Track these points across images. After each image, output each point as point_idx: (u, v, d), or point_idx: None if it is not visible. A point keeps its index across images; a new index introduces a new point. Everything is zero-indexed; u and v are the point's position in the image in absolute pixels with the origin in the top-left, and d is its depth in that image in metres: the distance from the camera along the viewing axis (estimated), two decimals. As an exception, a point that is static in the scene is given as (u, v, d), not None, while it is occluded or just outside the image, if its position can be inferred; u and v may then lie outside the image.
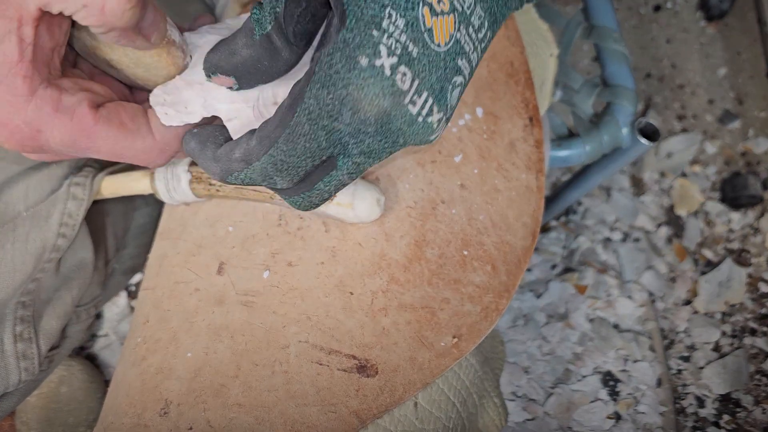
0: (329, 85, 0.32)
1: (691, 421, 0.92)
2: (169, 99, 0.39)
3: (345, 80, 0.32)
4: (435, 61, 0.33)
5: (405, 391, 0.44)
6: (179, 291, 0.49)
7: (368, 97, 0.32)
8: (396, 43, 0.31)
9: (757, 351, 0.93)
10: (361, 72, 0.31)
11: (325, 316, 0.45)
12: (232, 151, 0.36)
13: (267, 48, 0.36)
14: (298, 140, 0.34)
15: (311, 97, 0.32)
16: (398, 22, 0.31)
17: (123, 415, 0.46)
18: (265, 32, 0.35)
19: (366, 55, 0.31)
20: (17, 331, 0.52)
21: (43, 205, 0.52)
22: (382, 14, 0.31)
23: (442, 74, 0.33)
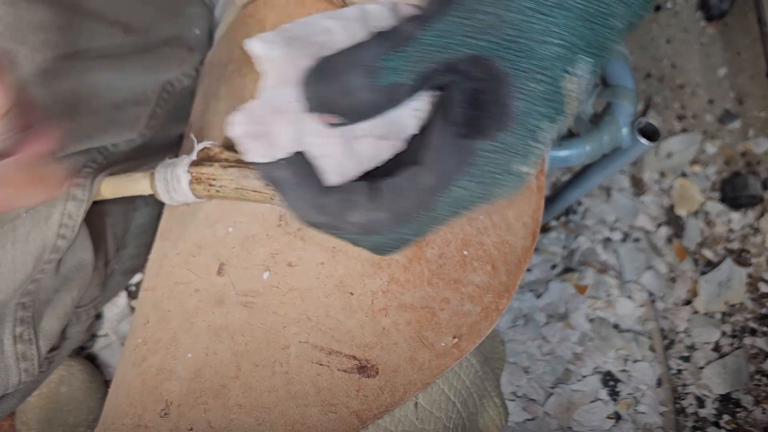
0: (481, 181, 0.33)
1: (691, 421, 0.92)
2: (256, 130, 0.35)
3: (497, 180, 0.33)
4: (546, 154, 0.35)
5: (405, 391, 0.44)
6: (179, 291, 0.49)
7: (506, 192, 0.34)
8: (538, 156, 0.33)
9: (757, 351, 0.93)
10: (511, 176, 0.33)
11: (326, 316, 0.45)
12: (347, 211, 0.34)
13: (389, 96, 0.33)
14: (431, 223, 0.35)
15: (462, 187, 0.33)
16: (547, 133, 0.33)
17: (123, 415, 0.46)
18: (393, 82, 0.33)
19: (520, 162, 0.33)
20: (17, 332, 0.52)
21: (43, 206, 0.52)
22: (542, 126, 0.32)
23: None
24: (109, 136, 0.58)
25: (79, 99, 0.56)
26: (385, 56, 0.32)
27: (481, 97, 0.33)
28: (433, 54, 0.32)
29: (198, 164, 0.49)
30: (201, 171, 0.49)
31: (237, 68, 0.55)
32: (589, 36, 0.31)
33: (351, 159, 0.36)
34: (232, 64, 0.56)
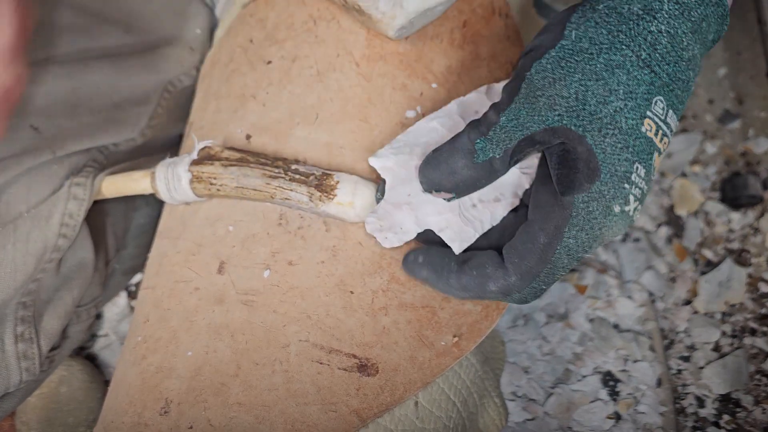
0: (587, 228, 0.37)
1: (691, 421, 0.92)
2: (385, 225, 0.44)
3: (600, 224, 0.38)
4: (650, 185, 0.39)
5: (405, 390, 0.44)
6: (179, 290, 0.49)
7: (615, 233, 0.39)
8: (639, 191, 0.38)
9: (757, 351, 0.92)
10: (614, 217, 0.38)
11: (326, 315, 0.45)
12: (485, 284, 0.41)
13: (487, 170, 0.40)
14: (557, 272, 0.39)
15: (571, 237, 0.38)
16: (641, 172, 0.37)
17: (123, 414, 0.46)
18: (489, 159, 0.39)
19: (618, 204, 0.37)
20: (18, 331, 0.52)
21: (44, 206, 0.52)
22: (631, 169, 0.37)
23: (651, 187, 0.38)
24: (109, 136, 0.58)
25: (79, 98, 0.56)
26: (477, 141, 0.39)
27: (568, 157, 0.38)
28: (512, 133, 0.38)
29: (199, 163, 0.49)
30: (202, 170, 0.49)
31: (237, 67, 0.56)
32: (655, 80, 0.37)
33: (468, 225, 0.44)
34: (233, 64, 0.56)
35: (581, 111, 0.37)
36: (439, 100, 0.51)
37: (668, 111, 0.37)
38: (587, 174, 0.37)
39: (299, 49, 0.52)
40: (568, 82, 0.37)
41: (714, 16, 0.38)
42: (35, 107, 0.53)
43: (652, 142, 0.37)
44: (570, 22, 0.38)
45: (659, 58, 0.36)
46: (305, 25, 0.53)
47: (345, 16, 0.52)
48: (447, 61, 0.52)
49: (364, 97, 0.50)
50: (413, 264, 0.44)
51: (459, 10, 0.53)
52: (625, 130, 0.36)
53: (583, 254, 0.39)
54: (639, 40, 0.36)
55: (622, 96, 0.36)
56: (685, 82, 0.38)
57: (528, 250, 0.39)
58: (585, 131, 0.37)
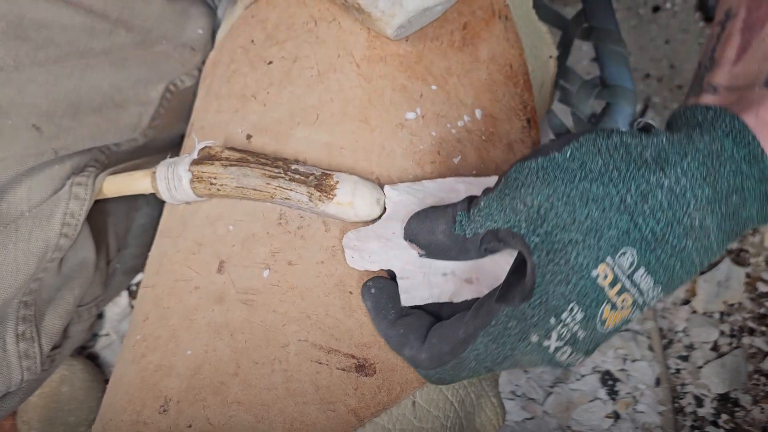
0: (500, 342, 0.36)
1: (689, 420, 0.92)
2: (358, 245, 0.45)
3: (513, 345, 0.36)
4: (598, 337, 0.36)
5: (402, 390, 0.44)
6: (179, 289, 0.49)
7: (527, 362, 0.37)
8: (568, 332, 0.35)
9: (755, 350, 0.93)
10: (529, 345, 0.36)
11: (325, 315, 0.45)
12: (402, 347, 0.42)
13: (460, 245, 0.40)
14: (463, 371, 0.39)
15: (482, 344, 0.37)
16: (577, 316, 0.34)
17: (122, 412, 0.46)
18: (462, 234, 0.39)
19: (537, 335, 0.35)
20: (19, 330, 0.53)
21: (46, 205, 0.53)
22: (565, 308, 0.34)
23: (601, 341, 0.36)
24: (111, 136, 0.59)
25: (81, 98, 0.56)
26: (458, 214, 0.40)
27: (519, 267, 0.38)
28: (484, 220, 0.38)
29: (199, 163, 0.49)
30: (202, 170, 0.49)
31: (238, 68, 0.56)
32: (632, 230, 0.33)
33: (427, 288, 0.44)
34: (234, 64, 0.57)
35: (538, 227, 0.35)
36: (439, 101, 0.51)
37: (639, 269, 0.34)
38: (522, 291, 0.36)
39: (300, 50, 0.53)
40: (536, 193, 0.35)
41: (752, 192, 0.34)
42: (37, 107, 0.53)
43: (603, 292, 0.34)
44: (576, 140, 0.36)
45: (646, 210, 0.33)
46: (306, 26, 0.53)
47: (345, 17, 0.52)
48: (447, 63, 0.52)
49: (365, 98, 0.50)
50: (365, 289, 0.45)
51: (459, 12, 0.53)
52: (573, 265, 0.34)
53: (492, 366, 0.38)
54: (630, 184, 0.33)
55: (584, 230, 0.34)
56: (676, 249, 0.33)
57: (446, 337, 0.40)
58: (535, 248, 0.35)
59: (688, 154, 0.33)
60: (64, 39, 0.55)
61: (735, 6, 0.39)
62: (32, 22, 0.53)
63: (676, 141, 0.34)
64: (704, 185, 0.33)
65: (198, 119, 0.58)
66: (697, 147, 0.33)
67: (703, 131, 0.34)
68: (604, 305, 0.34)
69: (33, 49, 0.53)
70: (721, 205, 0.33)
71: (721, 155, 0.33)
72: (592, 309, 0.34)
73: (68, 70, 0.55)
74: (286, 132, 0.50)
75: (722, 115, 0.34)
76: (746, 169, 0.33)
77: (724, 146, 0.33)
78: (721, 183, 0.33)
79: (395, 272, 0.45)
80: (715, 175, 0.33)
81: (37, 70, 0.53)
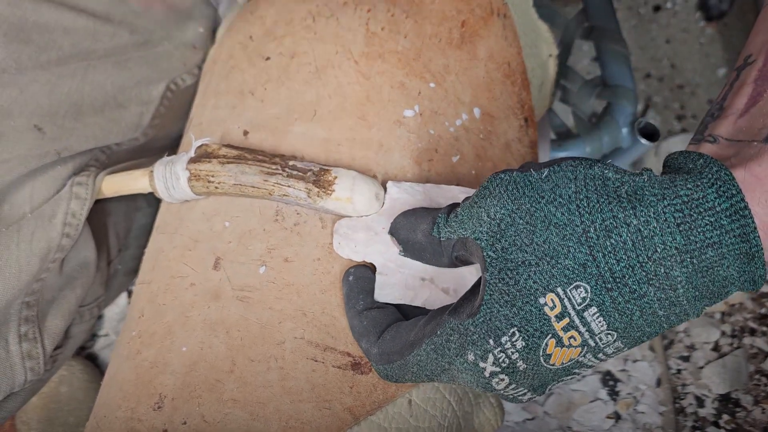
0: (439, 353, 0.37)
1: (690, 420, 0.92)
2: (347, 233, 0.46)
3: (450, 359, 0.37)
4: (544, 373, 0.35)
5: (398, 388, 0.44)
6: (175, 285, 0.49)
7: (463, 380, 0.37)
8: (505, 358, 0.34)
9: (756, 351, 0.92)
10: (465, 363, 0.36)
11: (321, 312, 0.45)
12: (361, 338, 0.43)
13: (434, 247, 0.40)
14: (406, 374, 0.40)
15: (425, 351, 0.38)
16: (517, 343, 0.33)
17: (116, 408, 0.46)
18: (438, 237, 0.39)
19: (474, 354, 0.35)
20: (22, 331, 0.52)
21: (47, 206, 0.53)
22: (505, 330, 0.33)
23: (549, 379, 0.35)
24: (113, 136, 0.59)
25: (83, 99, 0.56)
26: (438, 217, 0.39)
27: (479, 283, 0.37)
28: (458, 227, 0.37)
29: (196, 161, 0.49)
30: (199, 168, 0.49)
31: (236, 64, 0.56)
32: (590, 265, 0.32)
33: (402, 289, 0.45)
34: (232, 60, 0.57)
35: (496, 241, 0.34)
36: (437, 99, 0.51)
37: (591, 307, 0.32)
38: (471, 307, 0.35)
39: (298, 46, 0.53)
40: (500, 206, 0.34)
41: (731, 249, 0.31)
42: (39, 109, 0.53)
43: (548, 323, 0.32)
44: (558, 164, 0.34)
45: (608, 247, 0.31)
46: (304, 22, 0.53)
47: (344, 14, 0.52)
48: (445, 60, 0.52)
49: (363, 94, 0.50)
50: (345, 275, 0.45)
51: (458, 9, 0.53)
52: (522, 287, 0.33)
53: (432, 376, 0.38)
54: (596, 217, 0.32)
55: (539, 254, 0.32)
56: (635, 294, 0.31)
57: (398, 338, 0.40)
58: (490, 264, 0.34)
59: (665, 198, 0.31)
60: (67, 42, 0.55)
61: (755, 53, 0.38)
62: (35, 25, 0.53)
63: (658, 182, 0.32)
64: (676, 232, 0.31)
65: (196, 116, 0.58)
66: (677, 192, 0.31)
67: (688, 178, 0.32)
68: (549, 338, 0.33)
69: (35, 52, 0.53)
70: (693, 258, 0.31)
71: (701, 205, 0.31)
72: (534, 339, 0.33)
73: (70, 72, 0.55)
74: (284, 128, 0.50)
75: (710, 164, 0.32)
76: (726, 224, 0.31)
77: (706, 196, 0.31)
78: (696, 234, 0.31)
79: (376, 267, 0.45)
80: (692, 224, 0.31)
81: (40, 72, 0.53)
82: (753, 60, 0.38)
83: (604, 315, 0.32)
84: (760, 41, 0.39)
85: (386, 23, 0.51)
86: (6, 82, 0.52)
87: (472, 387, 0.37)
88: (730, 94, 0.38)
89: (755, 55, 0.38)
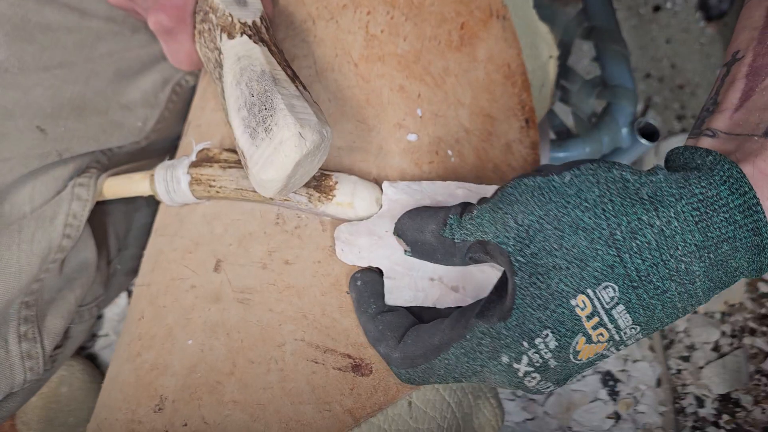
0: (471, 356, 0.37)
1: (690, 420, 0.92)
2: (349, 239, 0.45)
3: (483, 362, 0.37)
4: (570, 368, 0.36)
5: (399, 390, 0.44)
6: (175, 287, 0.49)
7: (495, 381, 0.38)
8: (539, 359, 0.35)
9: (756, 351, 0.92)
10: (499, 365, 0.36)
11: (321, 314, 0.45)
12: (378, 343, 0.42)
13: (446, 248, 0.40)
14: (433, 376, 0.40)
15: (453, 355, 0.38)
16: (550, 344, 0.35)
17: (117, 410, 0.46)
18: (451, 238, 0.39)
19: (509, 357, 0.36)
20: (21, 331, 0.53)
21: (48, 206, 0.53)
22: (540, 333, 0.34)
23: (573, 372, 0.36)
24: (115, 139, 0.59)
25: (86, 101, 0.56)
26: (450, 217, 0.39)
27: (502, 285, 0.38)
28: (475, 229, 0.38)
29: (197, 165, 0.49)
30: (201, 172, 0.49)
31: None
32: (617, 266, 0.33)
33: (412, 291, 0.44)
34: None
35: (524, 247, 0.35)
36: (437, 101, 0.51)
37: (619, 306, 0.33)
38: (501, 310, 0.36)
39: (298, 48, 0.53)
40: (529, 212, 0.35)
41: (744, 242, 0.33)
42: (42, 109, 0.53)
43: (579, 322, 0.34)
44: (577, 168, 0.35)
45: (634, 248, 0.33)
46: (304, 25, 0.53)
47: (344, 16, 0.52)
48: (444, 62, 0.52)
49: (362, 97, 0.50)
50: (352, 281, 0.45)
51: (457, 12, 0.53)
52: (553, 291, 0.34)
53: (461, 377, 0.39)
54: (621, 220, 0.33)
55: (569, 258, 0.33)
56: (659, 290, 0.33)
57: (421, 341, 0.40)
58: (519, 269, 0.35)
59: (683, 198, 0.33)
60: (70, 42, 0.55)
61: (743, 48, 0.39)
62: (38, 25, 0.53)
63: (674, 182, 0.34)
64: (695, 230, 0.32)
65: (195, 117, 0.58)
66: (692, 191, 0.33)
67: (701, 176, 0.34)
68: (579, 336, 0.34)
69: (38, 52, 0.53)
70: (710, 252, 0.33)
71: (716, 202, 0.33)
72: (566, 338, 0.34)
73: (74, 73, 0.55)
74: (284, 131, 0.50)
75: (721, 161, 0.34)
76: (740, 219, 0.33)
77: (720, 194, 0.33)
78: (713, 230, 0.33)
79: (384, 271, 0.45)
80: (708, 221, 0.33)
81: (43, 72, 0.53)
82: (741, 56, 0.39)
83: (630, 312, 0.33)
84: (747, 37, 0.40)
85: (386, 26, 0.51)
86: (9, 82, 0.52)
87: (503, 386, 0.38)
88: (723, 90, 0.40)
89: (743, 50, 0.40)
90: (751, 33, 0.40)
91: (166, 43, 0.52)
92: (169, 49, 0.52)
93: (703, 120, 0.40)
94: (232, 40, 0.45)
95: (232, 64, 0.44)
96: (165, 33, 0.51)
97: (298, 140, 0.39)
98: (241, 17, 0.46)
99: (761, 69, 0.37)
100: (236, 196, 0.48)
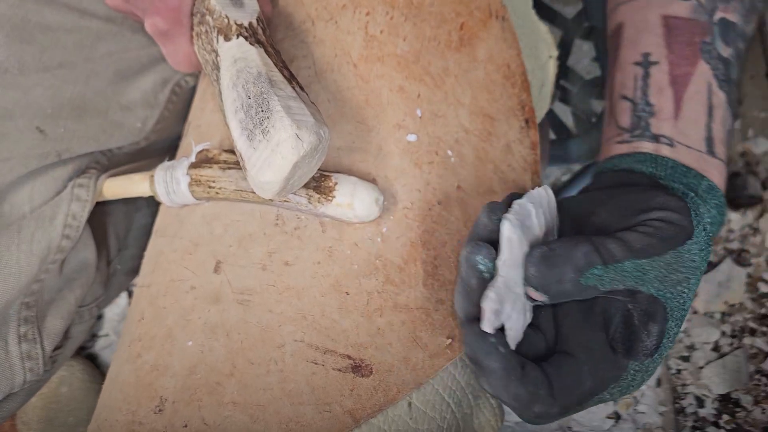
0: (624, 390, 0.42)
1: (690, 420, 0.92)
2: (499, 308, 0.39)
3: (633, 389, 0.42)
4: None
5: (399, 391, 0.44)
6: (175, 288, 0.49)
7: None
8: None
9: (756, 351, 0.92)
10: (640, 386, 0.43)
11: (321, 315, 0.45)
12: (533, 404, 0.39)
13: (584, 293, 0.39)
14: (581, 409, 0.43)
15: (608, 393, 0.41)
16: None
17: (117, 412, 0.46)
18: (591, 285, 0.38)
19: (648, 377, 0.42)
20: (21, 331, 0.53)
21: (48, 207, 0.53)
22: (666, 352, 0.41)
23: None
24: (115, 140, 0.59)
25: (86, 101, 0.56)
26: (596, 268, 0.38)
27: (634, 322, 0.40)
28: (625, 279, 0.38)
29: (197, 166, 0.49)
30: (200, 173, 0.49)
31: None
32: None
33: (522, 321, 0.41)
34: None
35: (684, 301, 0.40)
36: (437, 101, 0.51)
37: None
38: (650, 347, 0.40)
39: (297, 49, 0.53)
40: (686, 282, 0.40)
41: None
42: (42, 110, 0.53)
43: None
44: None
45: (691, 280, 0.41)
46: (303, 25, 0.53)
47: (343, 17, 0.52)
48: (444, 63, 0.52)
49: (362, 98, 0.50)
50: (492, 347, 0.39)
51: (456, 12, 0.53)
52: (684, 316, 0.41)
53: (603, 403, 0.44)
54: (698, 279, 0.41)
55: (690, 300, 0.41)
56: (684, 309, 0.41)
57: (571, 390, 0.40)
58: (671, 315, 0.40)
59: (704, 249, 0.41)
60: (70, 42, 0.55)
61: (654, 52, 0.42)
62: (37, 25, 0.53)
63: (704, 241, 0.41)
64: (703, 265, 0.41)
65: (195, 118, 0.58)
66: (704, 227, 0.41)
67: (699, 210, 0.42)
68: None
69: (38, 52, 0.53)
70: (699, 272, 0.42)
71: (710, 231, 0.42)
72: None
73: (74, 73, 0.55)
74: (283, 132, 0.50)
75: (712, 191, 0.43)
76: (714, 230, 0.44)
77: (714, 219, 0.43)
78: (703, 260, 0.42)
79: (510, 327, 0.40)
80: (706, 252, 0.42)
81: (43, 73, 0.53)
82: (656, 61, 0.42)
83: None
84: (652, 42, 0.43)
85: (385, 26, 0.51)
86: (9, 83, 0.52)
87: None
88: (652, 93, 0.43)
89: (654, 55, 0.42)
90: (654, 39, 0.42)
91: (164, 45, 0.52)
92: (167, 51, 0.52)
93: (646, 122, 0.43)
94: (228, 42, 0.45)
95: (229, 66, 0.44)
96: (162, 36, 0.50)
97: (295, 142, 0.39)
98: (237, 19, 0.46)
99: (679, 78, 0.41)
100: (236, 197, 0.48)
